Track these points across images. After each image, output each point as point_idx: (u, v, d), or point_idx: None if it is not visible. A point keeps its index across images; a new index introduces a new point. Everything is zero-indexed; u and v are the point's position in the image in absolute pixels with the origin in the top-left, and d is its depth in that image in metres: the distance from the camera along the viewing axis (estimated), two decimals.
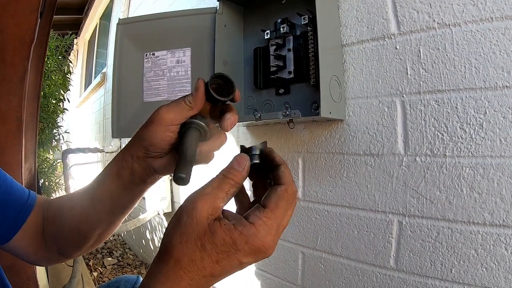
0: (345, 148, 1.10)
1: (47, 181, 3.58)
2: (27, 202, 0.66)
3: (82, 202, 0.66)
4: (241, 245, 0.42)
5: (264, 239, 0.42)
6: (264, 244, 0.42)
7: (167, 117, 0.55)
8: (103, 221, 0.66)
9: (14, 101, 1.18)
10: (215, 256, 0.42)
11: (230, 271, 0.43)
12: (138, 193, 0.64)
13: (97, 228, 0.66)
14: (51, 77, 3.54)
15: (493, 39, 0.82)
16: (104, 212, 0.65)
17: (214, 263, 0.42)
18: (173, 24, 1.26)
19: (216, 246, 0.42)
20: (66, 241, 0.68)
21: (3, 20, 1.08)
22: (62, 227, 0.67)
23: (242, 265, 0.43)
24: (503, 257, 0.82)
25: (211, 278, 0.42)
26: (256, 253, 0.42)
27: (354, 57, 1.08)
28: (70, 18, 6.41)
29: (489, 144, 0.83)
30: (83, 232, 0.66)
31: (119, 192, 0.62)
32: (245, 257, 0.42)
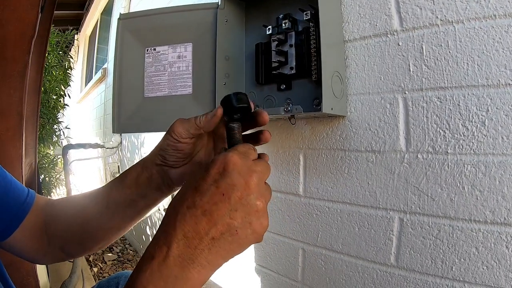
0: (347, 144, 1.10)
1: (48, 176, 3.59)
2: (26, 200, 0.67)
3: (95, 203, 0.67)
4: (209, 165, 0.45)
5: (225, 155, 0.45)
6: (225, 159, 0.44)
7: (177, 130, 0.59)
8: (114, 224, 0.67)
9: (15, 96, 1.18)
10: (193, 183, 0.44)
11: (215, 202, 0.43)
12: (152, 201, 0.65)
13: (106, 231, 0.67)
14: (52, 72, 3.54)
15: (496, 36, 0.82)
16: (116, 216, 0.65)
17: (193, 189, 0.44)
18: (175, 19, 1.25)
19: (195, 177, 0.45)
20: (72, 241, 0.68)
21: (4, 15, 1.07)
22: (69, 227, 0.67)
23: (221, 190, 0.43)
24: (504, 256, 0.82)
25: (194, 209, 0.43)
26: (224, 168, 0.44)
27: (356, 53, 1.07)
28: (71, 13, 6.40)
29: (491, 142, 0.83)
30: (92, 233, 0.67)
31: (134, 198, 0.63)
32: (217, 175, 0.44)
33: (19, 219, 0.65)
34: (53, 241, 0.68)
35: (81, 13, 6.57)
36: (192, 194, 0.43)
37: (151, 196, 0.63)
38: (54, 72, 3.59)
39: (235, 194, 0.43)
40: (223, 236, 0.43)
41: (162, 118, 1.25)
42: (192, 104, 1.22)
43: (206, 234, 0.42)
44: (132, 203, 0.64)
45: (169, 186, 0.63)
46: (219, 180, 0.43)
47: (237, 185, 0.43)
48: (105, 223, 0.66)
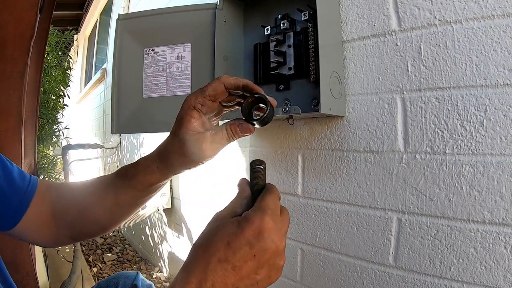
0: (345, 144, 1.10)
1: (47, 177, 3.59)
2: (29, 187, 0.67)
3: (103, 203, 0.68)
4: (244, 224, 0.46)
5: (262, 217, 0.47)
6: (262, 221, 0.46)
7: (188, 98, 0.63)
8: (122, 217, 0.71)
9: (14, 97, 1.17)
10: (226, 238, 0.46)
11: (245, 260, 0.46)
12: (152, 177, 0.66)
13: (112, 222, 0.71)
14: (51, 72, 3.54)
15: (494, 36, 0.82)
16: (126, 213, 0.70)
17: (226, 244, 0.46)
18: (173, 19, 1.25)
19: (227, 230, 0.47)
20: (86, 229, 0.71)
21: (3, 16, 1.07)
22: (85, 215, 0.69)
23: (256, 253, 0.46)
24: (502, 256, 0.82)
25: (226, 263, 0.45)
26: (260, 231, 0.46)
27: (354, 54, 1.07)
28: (70, 13, 6.40)
29: (489, 142, 0.83)
30: (96, 223, 0.70)
31: (144, 198, 0.69)
32: (251, 236, 0.46)
33: (24, 207, 0.66)
34: (63, 228, 0.70)
35: (80, 13, 6.56)
36: (225, 249, 0.46)
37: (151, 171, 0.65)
38: (54, 73, 3.59)
39: (265, 256, 0.47)
40: (246, 287, 0.47)
41: (161, 119, 1.25)
42: None
43: (232, 285, 0.46)
44: (141, 202, 0.69)
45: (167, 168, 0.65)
46: (253, 242, 0.46)
47: (268, 250, 0.46)
48: (113, 217, 0.70)
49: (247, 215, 0.48)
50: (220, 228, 0.48)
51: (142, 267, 2.71)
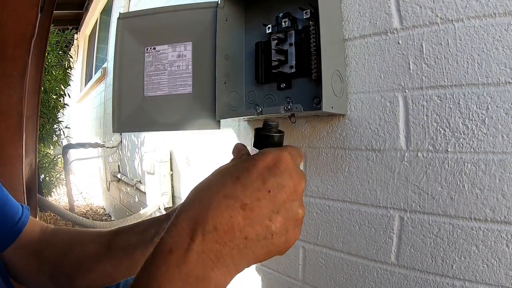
0: (347, 143, 1.10)
1: (48, 176, 3.59)
2: (20, 220, 0.66)
3: (96, 243, 0.66)
4: (257, 157, 0.40)
5: (277, 152, 0.41)
6: (279, 155, 0.40)
7: None
8: (110, 269, 0.65)
9: (15, 96, 1.17)
10: (235, 172, 0.39)
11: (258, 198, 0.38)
12: None
13: (100, 273, 0.65)
14: (52, 72, 3.54)
15: (496, 35, 0.82)
16: (115, 260, 0.64)
17: (234, 178, 0.39)
18: (174, 18, 1.25)
19: (236, 165, 0.41)
20: (62, 273, 0.67)
21: (4, 15, 1.07)
22: (63, 258, 0.66)
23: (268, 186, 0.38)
24: (504, 254, 0.82)
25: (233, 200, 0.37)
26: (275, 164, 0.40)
27: (356, 52, 1.07)
28: (71, 13, 6.40)
29: (491, 140, 0.83)
30: (84, 271, 0.65)
31: (135, 246, 0.62)
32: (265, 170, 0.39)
33: (11, 239, 0.64)
34: (45, 269, 0.66)
35: (80, 12, 6.56)
36: (233, 183, 0.38)
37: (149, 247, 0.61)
38: (54, 72, 3.59)
39: (281, 195, 0.39)
40: (257, 238, 0.37)
41: (162, 117, 1.25)
42: (192, 103, 1.22)
43: (240, 231, 0.36)
44: (131, 251, 0.62)
45: None
46: (267, 176, 0.39)
47: (286, 186, 0.39)
48: (100, 265, 0.64)
49: (261, 151, 0.41)
50: (227, 167, 0.41)
51: None
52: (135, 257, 0.62)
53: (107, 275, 0.65)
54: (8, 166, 1.21)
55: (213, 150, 1.76)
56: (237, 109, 1.24)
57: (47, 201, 2.65)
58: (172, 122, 1.26)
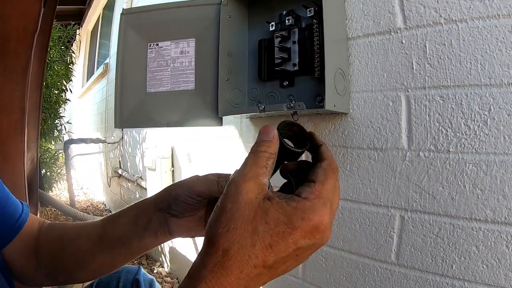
0: (349, 141, 1.10)
1: (49, 171, 3.60)
2: (20, 217, 0.66)
3: (89, 235, 0.65)
4: (297, 222, 0.37)
5: (321, 213, 0.38)
6: (322, 220, 0.38)
7: (198, 189, 0.56)
8: (105, 260, 0.65)
9: (17, 91, 1.18)
10: (268, 239, 0.37)
11: (285, 261, 0.38)
12: (146, 244, 0.62)
13: (97, 264, 0.65)
14: (54, 67, 3.55)
15: (499, 36, 0.82)
16: (109, 252, 0.64)
17: (267, 248, 0.37)
18: (178, 14, 1.25)
19: (269, 227, 0.37)
20: (59, 268, 0.67)
21: (7, 10, 1.07)
22: (59, 253, 0.66)
23: (299, 252, 0.38)
24: (504, 255, 0.82)
25: (263, 269, 0.37)
26: (314, 233, 0.37)
27: (359, 51, 1.07)
28: (73, 8, 6.40)
29: (493, 141, 0.83)
30: (81, 264, 0.65)
31: (130, 237, 0.61)
32: (302, 238, 0.37)
33: (11, 236, 0.64)
34: (41, 265, 0.67)
35: (83, 8, 6.56)
36: (265, 253, 0.37)
37: (146, 240, 0.61)
38: (56, 67, 3.60)
39: (306, 253, 0.39)
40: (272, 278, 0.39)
41: (165, 114, 1.26)
42: (194, 100, 1.22)
43: (263, 283, 0.38)
44: (126, 242, 0.62)
45: (165, 234, 0.60)
46: (302, 243, 0.37)
47: (312, 248, 0.39)
48: (96, 256, 0.64)
49: (300, 205, 0.38)
50: (257, 219, 0.38)
51: (143, 262, 2.72)
52: (132, 247, 0.62)
53: (105, 265, 0.66)
54: (10, 161, 1.21)
55: (215, 147, 1.76)
56: (239, 106, 1.24)
57: (48, 196, 2.65)
58: (174, 118, 1.26)
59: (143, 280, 0.91)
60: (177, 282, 2.32)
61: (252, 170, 0.40)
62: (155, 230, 0.60)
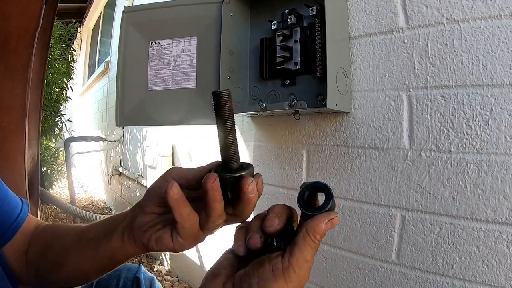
0: (350, 141, 1.10)
1: (49, 169, 3.60)
2: (19, 216, 0.65)
3: (75, 235, 0.64)
4: None
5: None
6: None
7: (172, 174, 0.58)
8: (77, 262, 0.63)
9: (18, 89, 1.17)
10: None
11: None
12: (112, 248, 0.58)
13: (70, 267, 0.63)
14: (55, 65, 3.54)
15: (501, 36, 0.82)
16: (81, 253, 0.62)
17: None
18: (179, 12, 1.25)
19: None
20: (44, 267, 0.66)
21: (8, 8, 1.07)
22: (48, 252, 0.65)
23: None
24: (504, 255, 0.82)
25: None
26: None
27: (361, 50, 1.07)
28: (74, 6, 6.39)
29: (494, 141, 0.83)
30: (60, 265, 0.64)
31: (101, 236, 0.60)
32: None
33: (9, 236, 0.64)
34: (31, 264, 0.66)
35: (84, 6, 6.55)
36: None
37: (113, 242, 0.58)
38: (57, 65, 3.60)
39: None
40: None
41: (166, 112, 1.26)
42: (195, 98, 1.22)
43: None
44: (97, 242, 0.60)
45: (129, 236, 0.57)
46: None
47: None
48: (72, 257, 0.63)
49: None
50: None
51: (143, 260, 2.72)
52: (99, 249, 0.60)
53: (78, 269, 0.64)
54: (10, 159, 1.21)
55: (216, 145, 1.75)
56: (241, 105, 1.24)
57: (48, 194, 2.65)
58: (175, 116, 1.26)
59: (143, 278, 0.91)
60: (177, 281, 2.33)
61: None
62: (123, 229, 0.57)
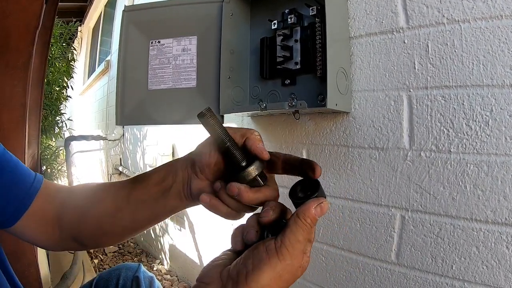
0: (350, 140, 1.10)
1: (50, 168, 3.60)
2: (33, 185, 0.65)
3: (114, 197, 0.65)
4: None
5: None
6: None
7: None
8: (131, 223, 0.65)
9: (19, 87, 1.17)
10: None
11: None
12: (170, 207, 0.63)
13: (122, 228, 0.66)
14: (55, 64, 3.54)
15: (502, 36, 0.82)
16: (136, 214, 0.64)
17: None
18: (180, 12, 1.25)
19: None
20: (85, 233, 0.67)
21: (9, 6, 1.07)
22: (83, 218, 0.66)
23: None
24: (504, 256, 0.82)
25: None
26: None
27: (361, 50, 1.07)
28: (75, 5, 6.39)
29: (494, 142, 0.83)
30: (106, 228, 0.66)
31: (158, 197, 0.62)
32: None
33: (26, 204, 0.63)
34: (66, 230, 0.67)
35: (84, 5, 6.55)
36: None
37: (171, 201, 0.61)
38: (57, 64, 3.59)
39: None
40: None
41: (166, 111, 1.26)
42: (196, 97, 1.22)
43: None
44: (154, 202, 0.62)
45: (187, 197, 0.61)
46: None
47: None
48: (120, 219, 0.64)
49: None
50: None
51: (143, 259, 2.72)
52: (156, 209, 0.63)
53: (128, 228, 0.66)
54: None
55: None
56: (241, 104, 1.24)
57: None
58: (175, 116, 1.26)
59: (143, 278, 0.91)
60: (176, 280, 2.33)
61: None
62: (179, 190, 0.60)
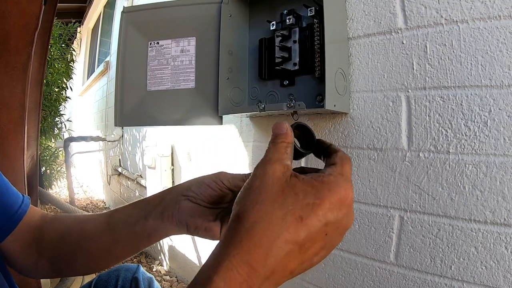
0: (349, 141, 1.10)
1: (49, 169, 3.60)
2: (20, 209, 0.65)
3: (95, 223, 0.65)
4: (325, 193, 0.37)
5: (346, 187, 0.38)
6: (347, 194, 0.38)
7: (224, 175, 0.58)
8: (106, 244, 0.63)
9: (18, 88, 1.17)
10: (298, 211, 0.36)
11: (314, 240, 0.36)
12: (149, 228, 0.60)
13: (102, 254, 0.64)
14: (54, 65, 3.55)
15: (500, 37, 0.82)
16: (111, 235, 0.62)
17: (297, 220, 0.35)
18: (178, 13, 1.25)
19: (298, 198, 0.36)
20: (63, 260, 0.66)
21: (8, 7, 1.07)
22: (62, 244, 0.65)
23: (327, 230, 0.37)
24: (502, 256, 0.82)
25: (294, 246, 0.35)
26: (341, 206, 0.37)
27: (360, 51, 1.07)
28: (74, 6, 6.40)
29: (493, 142, 0.83)
30: (85, 255, 0.65)
31: (136, 218, 0.60)
32: (330, 211, 0.36)
33: (10, 228, 0.63)
34: (43, 254, 0.66)
35: (83, 6, 6.56)
36: (296, 227, 0.35)
37: (150, 221, 0.59)
38: (57, 65, 3.60)
39: (334, 234, 0.38)
40: (300, 270, 0.38)
41: (165, 112, 1.26)
42: (194, 98, 1.22)
43: (291, 272, 0.37)
44: (131, 223, 0.60)
45: (171, 218, 0.58)
46: (330, 217, 0.37)
47: (340, 227, 0.38)
48: (98, 240, 0.63)
49: (325, 178, 0.38)
50: (286, 192, 0.37)
51: (142, 260, 2.72)
52: (135, 231, 0.61)
53: (106, 252, 0.64)
54: (10, 158, 1.21)
55: (215, 146, 1.76)
56: (239, 105, 1.24)
57: (47, 194, 2.65)
58: (174, 117, 1.26)
59: (142, 279, 0.90)
60: (176, 281, 2.32)
61: (275, 155, 0.40)
62: (163, 211, 0.58)
